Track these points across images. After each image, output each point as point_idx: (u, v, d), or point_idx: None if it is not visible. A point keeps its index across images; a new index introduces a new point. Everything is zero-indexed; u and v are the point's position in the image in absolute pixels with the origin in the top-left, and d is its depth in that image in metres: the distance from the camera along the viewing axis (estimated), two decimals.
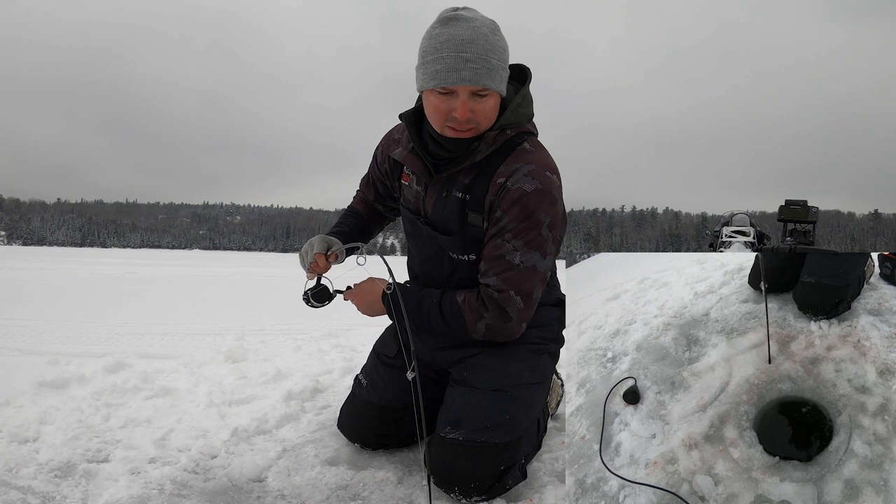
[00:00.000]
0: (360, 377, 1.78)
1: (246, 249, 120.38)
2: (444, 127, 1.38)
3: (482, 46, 1.30)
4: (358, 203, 1.85)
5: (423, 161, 1.50)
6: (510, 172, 1.40)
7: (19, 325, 4.18)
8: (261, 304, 6.67)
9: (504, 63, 1.36)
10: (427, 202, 1.54)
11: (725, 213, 6.33)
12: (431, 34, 1.34)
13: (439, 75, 1.31)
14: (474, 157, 1.42)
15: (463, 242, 1.50)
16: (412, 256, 1.72)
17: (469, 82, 1.30)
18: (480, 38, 1.30)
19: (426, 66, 1.34)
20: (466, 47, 1.29)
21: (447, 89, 1.32)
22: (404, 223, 1.68)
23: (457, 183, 1.48)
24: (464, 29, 1.30)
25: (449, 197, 1.49)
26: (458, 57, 1.29)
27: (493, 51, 1.32)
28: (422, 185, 1.54)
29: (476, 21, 1.32)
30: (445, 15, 1.34)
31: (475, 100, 1.33)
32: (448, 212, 1.50)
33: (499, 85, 1.35)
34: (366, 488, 1.53)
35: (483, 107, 1.35)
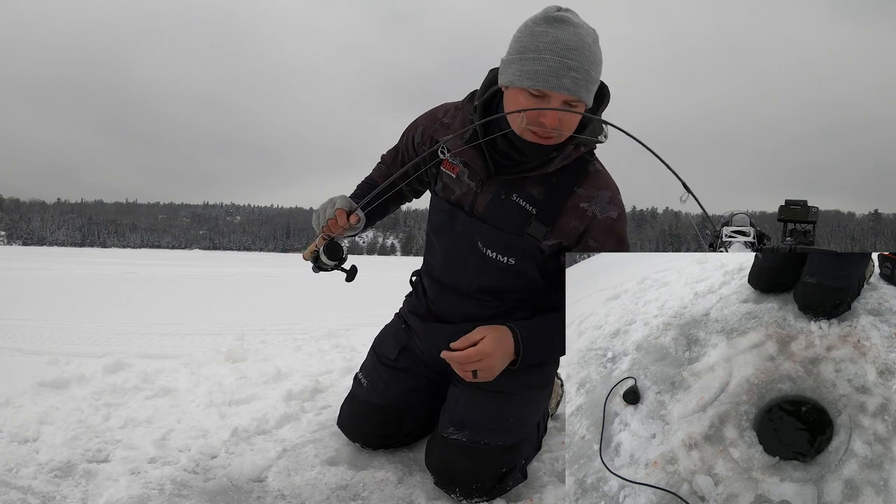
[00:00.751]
0: (359, 376, 1.78)
1: (246, 249, 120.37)
2: (526, 129, 1.30)
3: (586, 56, 1.25)
4: (379, 177, 1.74)
5: (485, 157, 1.42)
6: (591, 198, 1.40)
7: (19, 325, 4.18)
8: (261, 304, 6.67)
9: (599, 77, 1.32)
10: (480, 200, 1.46)
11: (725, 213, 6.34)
12: (534, 31, 1.26)
13: (539, 76, 1.24)
14: (547, 167, 1.38)
15: (512, 244, 1.45)
16: (433, 251, 1.62)
17: (568, 91, 1.24)
18: (585, 47, 1.25)
19: (524, 63, 1.26)
20: (571, 54, 1.23)
21: (542, 92, 1.25)
22: (435, 214, 1.57)
23: (522, 191, 1.42)
24: (570, 34, 1.24)
25: (508, 201, 1.43)
26: (561, 62, 1.23)
27: (595, 63, 1.27)
28: (476, 180, 1.46)
29: (582, 28, 1.26)
30: (551, 14, 1.27)
31: (565, 109, 1.27)
32: (506, 215, 1.44)
33: (591, 99, 1.31)
34: (366, 488, 1.53)
35: (571, 118, 1.29)
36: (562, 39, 1.24)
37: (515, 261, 1.47)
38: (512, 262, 1.47)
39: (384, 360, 1.74)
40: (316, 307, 6.10)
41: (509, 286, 1.52)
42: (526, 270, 1.48)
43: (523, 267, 1.48)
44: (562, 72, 1.23)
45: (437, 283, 1.61)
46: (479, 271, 1.51)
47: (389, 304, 2.11)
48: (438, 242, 1.58)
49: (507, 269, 1.48)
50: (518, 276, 1.50)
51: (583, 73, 1.24)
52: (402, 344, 1.72)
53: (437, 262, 1.61)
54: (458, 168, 1.50)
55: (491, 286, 1.52)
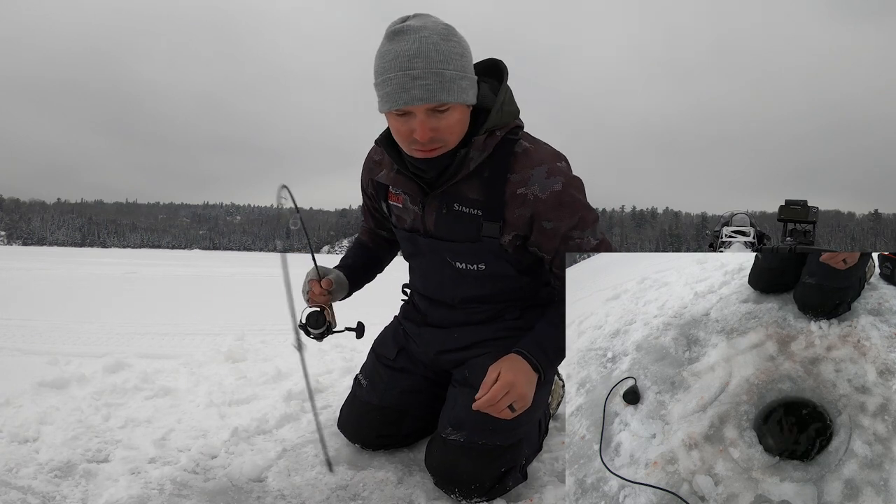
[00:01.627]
0: (359, 377, 1.78)
1: (246, 249, 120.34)
2: (411, 149, 1.29)
3: (431, 59, 1.19)
4: (363, 233, 1.82)
5: (414, 180, 1.41)
6: (525, 181, 1.34)
7: (19, 325, 4.19)
8: (261, 304, 6.67)
9: (463, 70, 1.25)
10: (428, 220, 1.45)
11: (725, 213, 6.34)
12: (380, 52, 1.24)
13: (391, 97, 1.22)
14: (468, 166, 1.34)
15: (476, 251, 1.43)
16: (413, 273, 1.66)
17: (421, 101, 1.20)
18: (429, 50, 1.19)
19: (379, 88, 1.25)
20: (414, 63, 1.18)
21: (402, 111, 1.23)
22: (402, 243, 1.61)
23: (460, 198, 1.39)
24: (410, 42, 1.19)
25: (451, 213, 1.41)
26: (405, 76, 1.19)
27: (447, 60, 1.21)
28: (417, 203, 1.46)
29: (424, 30, 1.21)
30: (391, 28, 1.23)
31: (435, 117, 1.23)
32: (456, 227, 1.42)
33: (459, 96, 1.24)
34: (366, 488, 1.53)
35: (446, 122, 1.24)
36: (402, 52, 1.19)
37: (486, 265, 1.46)
38: (483, 268, 1.46)
39: (383, 360, 1.75)
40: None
41: (491, 290, 1.53)
42: (500, 271, 1.48)
43: (496, 269, 1.47)
44: (408, 84, 1.19)
45: (426, 298, 1.64)
46: (457, 283, 1.51)
47: (389, 303, 2.11)
48: (415, 265, 1.62)
49: (482, 275, 1.48)
50: (495, 279, 1.50)
51: (432, 77, 1.19)
52: (400, 345, 1.73)
53: (419, 282, 1.65)
54: (402, 197, 1.49)
55: (474, 295, 1.53)
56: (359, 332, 1.63)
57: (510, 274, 1.49)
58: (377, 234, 1.79)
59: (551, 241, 1.38)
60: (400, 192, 1.50)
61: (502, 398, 1.32)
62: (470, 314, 1.57)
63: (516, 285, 1.53)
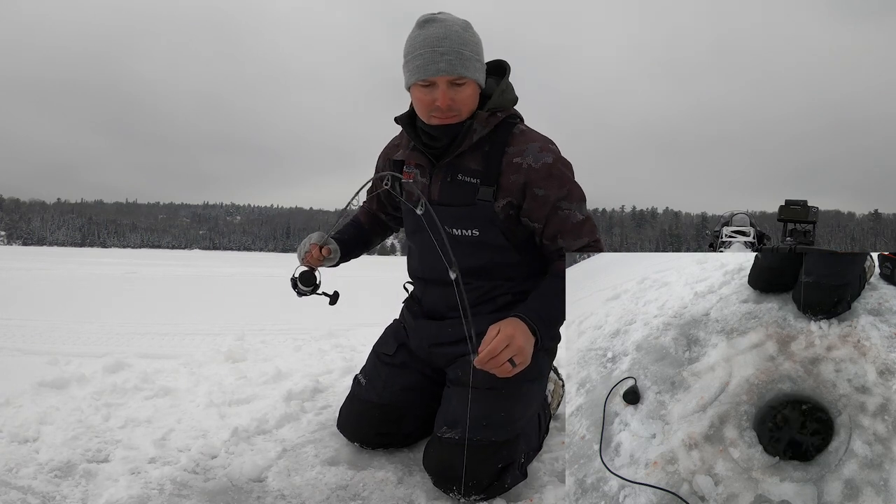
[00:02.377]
0: (359, 377, 1.79)
1: (246, 249, 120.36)
2: (430, 117, 1.50)
3: (454, 41, 1.45)
4: (360, 214, 1.96)
5: (425, 154, 1.60)
6: (521, 152, 1.53)
7: (19, 325, 4.19)
8: (261, 304, 6.68)
9: (477, 55, 1.50)
10: (433, 190, 1.60)
11: (725, 213, 6.34)
12: (410, 37, 1.50)
13: (419, 70, 1.46)
14: (471, 137, 1.53)
15: (471, 216, 1.55)
16: (412, 255, 1.75)
17: (445, 72, 1.45)
18: (452, 35, 1.46)
19: (408, 65, 1.49)
20: (441, 42, 1.44)
21: (427, 81, 1.46)
22: (407, 221, 1.73)
23: (463, 168, 1.56)
24: (437, 28, 1.46)
25: (454, 181, 1.57)
26: (433, 52, 1.44)
27: (465, 44, 1.47)
28: (426, 175, 1.61)
29: (449, 21, 1.48)
30: (422, 19, 1.50)
31: (454, 89, 1.47)
32: (457, 193, 1.56)
33: (474, 74, 1.49)
34: (366, 488, 1.53)
35: (462, 95, 1.48)
36: (431, 34, 1.46)
37: (479, 231, 1.56)
38: (476, 234, 1.56)
39: (383, 357, 1.77)
40: (316, 307, 6.10)
41: (484, 262, 1.59)
42: (492, 240, 1.56)
43: (489, 236, 1.56)
44: (435, 58, 1.45)
45: (421, 281, 1.73)
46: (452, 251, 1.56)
47: (389, 304, 2.11)
48: (414, 244, 1.72)
49: (475, 242, 1.57)
50: (488, 248, 1.58)
51: (454, 54, 1.45)
52: (400, 341, 1.77)
53: (416, 262, 1.73)
54: (413, 173, 1.66)
55: (467, 266, 1.57)
56: (333, 299, 1.75)
57: (502, 244, 1.57)
58: (375, 216, 1.94)
59: (542, 208, 1.53)
60: (412, 169, 1.66)
61: (503, 351, 1.32)
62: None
63: (507, 260, 1.60)
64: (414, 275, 1.77)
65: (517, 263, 1.61)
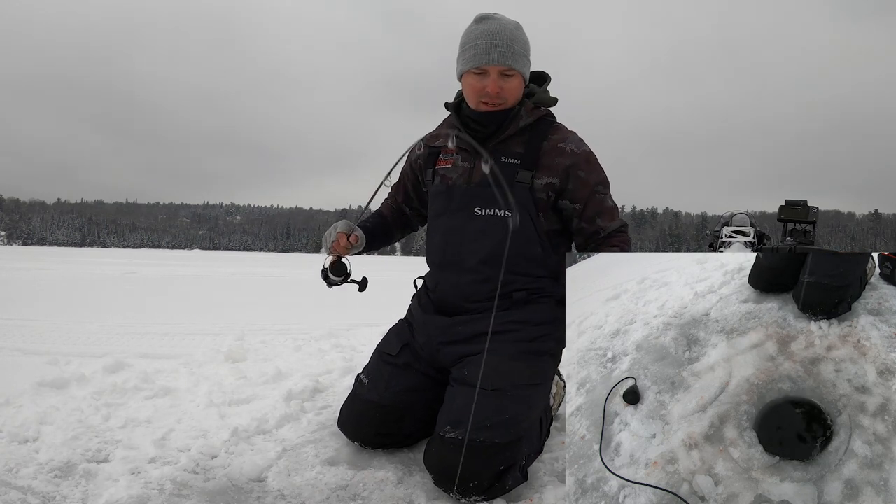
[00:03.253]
0: (361, 376, 1.78)
1: (246, 249, 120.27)
2: (479, 103, 1.64)
3: (507, 37, 1.61)
4: (384, 206, 1.99)
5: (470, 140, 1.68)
6: (564, 139, 1.68)
7: (19, 325, 4.19)
8: (261, 304, 6.68)
9: (526, 52, 1.65)
10: (476, 172, 1.68)
11: (725, 213, 6.33)
12: (468, 30, 1.65)
13: (474, 58, 1.61)
14: (517, 122, 1.66)
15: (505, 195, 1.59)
16: (432, 238, 1.79)
17: (498, 62, 1.60)
18: (506, 31, 1.62)
19: (464, 54, 1.64)
20: (495, 37, 1.60)
21: (481, 69, 1.61)
22: (434, 204, 1.77)
23: (507, 152, 1.67)
24: (493, 24, 1.62)
25: (498, 163, 1.63)
26: (488, 43, 1.60)
27: (517, 41, 1.63)
28: (469, 160, 1.71)
29: (503, 20, 1.65)
30: (479, 15, 1.66)
31: (503, 79, 1.61)
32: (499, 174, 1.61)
33: (522, 68, 1.64)
34: (366, 488, 1.53)
35: (509, 85, 1.63)
36: (487, 29, 1.62)
37: (511, 212, 1.56)
38: (509, 214, 1.58)
39: (386, 357, 1.76)
40: (316, 307, 6.11)
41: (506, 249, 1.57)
42: (522, 225, 1.58)
43: (519, 220, 1.56)
44: (490, 49, 1.60)
45: (437, 266, 1.76)
46: (476, 237, 1.67)
47: (389, 304, 2.11)
48: (437, 226, 1.76)
49: (504, 224, 1.57)
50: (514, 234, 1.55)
51: (506, 47, 1.60)
52: (404, 340, 1.77)
53: (436, 246, 1.76)
54: (453, 160, 1.74)
55: (489, 252, 1.64)
56: (362, 286, 1.79)
57: (529, 233, 1.64)
58: (399, 210, 1.97)
59: (583, 189, 1.67)
60: (452, 155, 1.75)
61: None
62: (478, 283, 1.66)
63: (529, 252, 1.65)
64: (432, 260, 1.79)
65: (536, 258, 1.66)
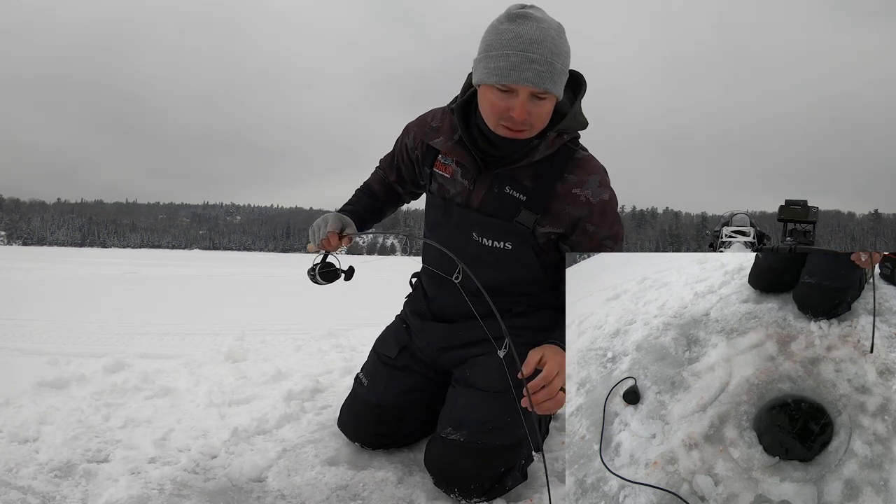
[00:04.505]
0: (360, 376, 1.78)
1: (246, 249, 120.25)
2: (499, 125, 1.36)
3: (549, 49, 1.27)
4: (375, 182, 1.81)
5: (473, 155, 1.48)
6: (582, 183, 1.45)
7: (19, 325, 4.19)
8: (261, 304, 6.68)
9: (566, 68, 1.35)
10: (475, 196, 1.50)
11: (725, 213, 6.33)
12: (498, 29, 1.30)
13: (503, 72, 1.28)
14: (532, 156, 1.43)
15: (506, 230, 1.48)
16: (430, 247, 1.63)
17: (532, 84, 1.27)
18: (548, 40, 1.27)
19: (489, 61, 1.30)
20: (533, 47, 1.26)
21: (508, 87, 1.30)
22: (431, 212, 1.62)
23: (514, 182, 1.46)
24: (532, 28, 1.27)
25: (501, 193, 1.47)
26: (524, 56, 1.26)
27: (559, 54, 1.30)
28: (469, 178, 1.51)
29: (545, 22, 1.29)
30: (514, 11, 1.31)
31: (534, 101, 1.31)
32: (499, 206, 1.48)
33: (559, 90, 1.33)
34: (366, 488, 1.53)
35: (540, 110, 1.33)
36: (524, 34, 1.27)
37: (512, 246, 1.49)
38: (509, 247, 1.49)
39: (384, 358, 1.75)
40: (316, 307, 6.10)
41: (508, 277, 1.53)
42: (523, 256, 1.50)
43: (520, 252, 1.50)
44: (524, 65, 1.26)
45: (435, 279, 1.62)
46: (473, 262, 1.50)
47: (389, 304, 2.10)
48: (435, 238, 1.59)
49: (504, 254, 1.50)
50: (515, 263, 1.51)
51: (546, 65, 1.27)
52: (402, 343, 1.74)
53: (434, 258, 1.62)
54: (452, 168, 1.54)
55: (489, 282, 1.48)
56: (348, 275, 1.64)
57: (531, 263, 1.52)
58: (390, 187, 1.79)
59: (589, 243, 1.48)
60: (452, 162, 1.54)
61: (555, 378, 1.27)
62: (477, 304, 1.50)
63: (531, 278, 1.54)
64: (428, 271, 1.67)
65: (539, 281, 1.57)
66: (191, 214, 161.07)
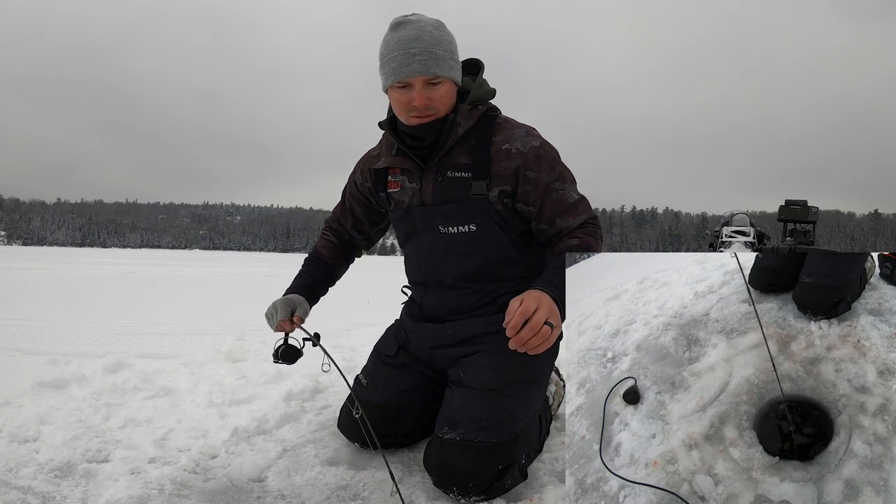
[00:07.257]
0: (360, 377, 1.79)
1: (246, 249, 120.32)
2: (409, 117, 1.51)
3: (427, 41, 1.46)
4: (322, 247, 1.86)
5: (411, 157, 1.58)
6: (510, 138, 1.54)
7: (19, 325, 4.18)
8: (261, 304, 6.66)
9: (451, 53, 1.51)
10: (425, 192, 1.59)
11: (725, 213, 6.33)
12: (385, 39, 1.51)
13: (395, 72, 1.47)
14: (457, 130, 1.53)
15: (466, 211, 1.55)
16: (409, 261, 1.74)
17: (419, 73, 1.45)
18: (425, 35, 1.47)
19: (384, 67, 1.50)
20: (413, 44, 1.46)
21: (403, 83, 1.47)
22: (399, 229, 1.70)
23: (452, 164, 1.56)
24: (411, 30, 1.47)
25: (446, 180, 1.56)
26: (406, 53, 1.45)
27: (439, 44, 1.48)
28: (415, 180, 1.61)
29: (422, 22, 1.49)
30: (394, 22, 1.51)
31: (430, 88, 1.48)
32: (450, 190, 1.55)
33: (448, 72, 1.49)
34: (366, 488, 1.53)
35: (438, 93, 1.49)
36: (405, 37, 1.47)
37: (476, 226, 1.55)
38: (474, 229, 1.56)
39: (384, 358, 1.77)
40: (316, 307, 6.09)
41: (481, 262, 1.58)
42: (490, 233, 1.56)
43: (486, 230, 1.56)
44: (409, 60, 1.45)
45: (420, 286, 1.72)
46: (448, 255, 1.60)
47: (389, 304, 2.11)
48: (410, 250, 1.71)
49: (472, 237, 1.56)
50: (486, 244, 1.57)
51: (427, 54, 1.46)
52: (401, 342, 1.77)
53: (414, 268, 1.73)
54: (400, 181, 1.64)
55: (465, 269, 1.59)
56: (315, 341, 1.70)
57: (500, 239, 1.57)
58: (346, 240, 1.86)
59: (535, 191, 1.53)
60: (398, 177, 1.65)
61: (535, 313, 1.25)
62: (463, 297, 1.62)
63: (506, 257, 1.59)
64: (413, 280, 1.76)
65: (515, 261, 1.60)
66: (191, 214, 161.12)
